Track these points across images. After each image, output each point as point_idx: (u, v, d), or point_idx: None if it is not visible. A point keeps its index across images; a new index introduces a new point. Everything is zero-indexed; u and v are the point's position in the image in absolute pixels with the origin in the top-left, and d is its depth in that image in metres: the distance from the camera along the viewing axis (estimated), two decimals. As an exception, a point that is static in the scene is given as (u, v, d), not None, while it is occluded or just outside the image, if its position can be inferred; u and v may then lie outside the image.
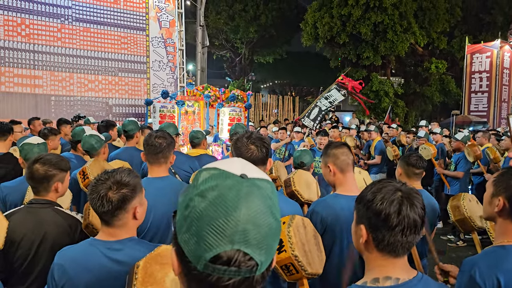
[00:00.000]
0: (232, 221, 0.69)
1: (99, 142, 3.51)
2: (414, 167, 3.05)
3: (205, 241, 0.69)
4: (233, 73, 29.14)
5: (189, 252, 0.71)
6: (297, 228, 1.84)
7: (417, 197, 1.26)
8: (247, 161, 0.81)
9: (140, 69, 12.48)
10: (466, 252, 6.38)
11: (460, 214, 2.38)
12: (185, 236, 0.72)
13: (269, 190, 0.76)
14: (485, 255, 1.62)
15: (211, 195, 0.71)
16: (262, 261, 0.71)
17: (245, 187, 0.73)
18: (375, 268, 1.29)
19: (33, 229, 2.17)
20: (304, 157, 3.64)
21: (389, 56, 19.43)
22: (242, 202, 0.70)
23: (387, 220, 1.21)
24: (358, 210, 1.33)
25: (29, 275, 2.17)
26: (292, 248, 1.75)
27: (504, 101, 19.19)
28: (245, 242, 0.69)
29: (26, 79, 10.67)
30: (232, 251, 0.69)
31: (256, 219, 0.70)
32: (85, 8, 11.57)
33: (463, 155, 6.67)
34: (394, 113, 18.32)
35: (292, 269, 1.79)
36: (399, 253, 1.25)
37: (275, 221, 0.74)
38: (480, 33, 21.35)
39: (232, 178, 0.74)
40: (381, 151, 8.11)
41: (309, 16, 19.12)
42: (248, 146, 2.02)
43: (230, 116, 8.42)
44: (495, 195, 1.66)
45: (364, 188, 1.36)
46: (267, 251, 0.72)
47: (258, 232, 0.70)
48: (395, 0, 17.32)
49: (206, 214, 0.70)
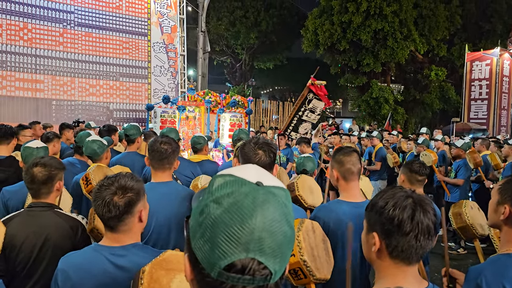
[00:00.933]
0: (248, 229, 0.68)
1: (102, 147, 3.50)
2: (417, 173, 3.06)
3: (220, 249, 0.68)
4: (233, 78, 29.20)
5: (203, 259, 0.71)
6: (306, 233, 1.83)
7: (429, 203, 1.26)
8: (261, 168, 0.81)
9: (141, 74, 12.52)
10: (466, 260, 6.37)
11: (461, 222, 2.37)
12: (199, 243, 0.71)
13: (284, 197, 0.75)
14: (491, 264, 1.62)
15: (226, 202, 0.70)
16: (276, 270, 0.71)
17: (261, 194, 0.72)
18: (386, 277, 1.28)
19: (34, 233, 2.16)
20: (307, 164, 3.61)
21: (389, 63, 19.50)
22: (258, 210, 0.70)
23: (401, 226, 1.21)
24: (370, 218, 1.32)
25: (30, 277, 2.17)
26: (301, 252, 1.74)
27: (504, 109, 19.23)
28: (260, 250, 0.68)
29: (27, 83, 10.69)
30: (247, 260, 0.68)
31: (271, 227, 0.70)
32: (87, 13, 11.62)
33: (463, 162, 6.67)
34: (394, 120, 18.35)
35: (300, 274, 1.78)
36: (412, 260, 1.25)
37: (290, 229, 0.74)
38: (480, 41, 21.45)
39: (248, 185, 0.73)
40: (382, 158, 8.11)
41: (310, 22, 19.21)
42: (255, 151, 2.02)
43: (230, 122, 8.43)
44: (501, 203, 1.66)
45: (374, 196, 1.35)
46: (281, 259, 0.72)
47: (273, 241, 0.70)
48: (395, 8, 17.42)
49: (221, 221, 0.69)
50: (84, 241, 2.24)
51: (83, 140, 3.80)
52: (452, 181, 6.76)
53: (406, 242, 1.22)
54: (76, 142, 3.99)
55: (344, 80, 20.58)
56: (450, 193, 6.76)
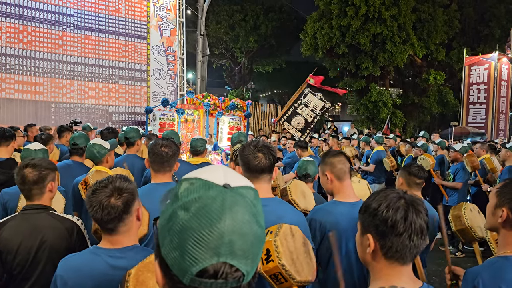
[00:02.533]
0: (217, 233, 0.67)
1: (101, 151, 3.49)
2: (415, 176, 3.07)
3: (190, 255, 0.67)
4: (232, 82, 29.24)
5: (174, 266, 0.69)
6: (284, 237, 1.84)
7: (421, 204, 1.29)
8: (229, 168, 0.79)
9: (141, 77, 12.54)
10: (464, 263, 6.37)
11: (461, 224, 2.38)
12: (168, 249, 0.70)
13: (252, 197, 0.75)
14: (488, 266, 1.63)
15: (194, 207, 0.69)
16: (248, 271, 0.70)
17: (229, 197, 0.71)
18: (381, 277, 1.29)
19: (29, 236, 2.16)
20: (309, 167, 3.58)
21: (388, 67, 19.56)
22: (227, 213, 0.69)
23: (395, 227, 1.24)
24: (364, 220, 1.33)
25: (27, 280, 2.17)
26: (279, 257, 1.76)
27: (502, 113, 19.29)
28: (231, 253, 0.68)
29: (27, 85, 10.71)
30: (219, 264, 0.67)
31: (241, 230, 0.69)
32: (86, 16, 11.65)
33: (461, 165, 6.68)
34: (392, 124, 18.38)
35: (281, 278, 1.79)
36: (407, 260, 1.27)
37: (259, 228, 0.73)
38: (478, 45, 21.54)
39: (215, 189, 0.72)
40: (376, 161, 8.04)
41: (309, 26, 19.26)
42: (255, 153, 2.03)
43: (229, 125, 8.45)
44: (499, 206, 1.66)
45: (367, 198, 1.37)
46: (253, 260, 0.71)
47: (244, 242, 0.69)
48: (394, 12, 17.49)
49: (190, 227, 0.68)
50: (80, 242, 2.24)
51: (76, 141, 3.79)
52: (450, 184, 6.77)
53: (400, 242, 1.24)
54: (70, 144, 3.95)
55: (343, 84, 20.62)
56: (449, 197, 6.77)
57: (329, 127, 19.64)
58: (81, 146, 3.78)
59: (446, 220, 2.27)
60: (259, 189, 2.06)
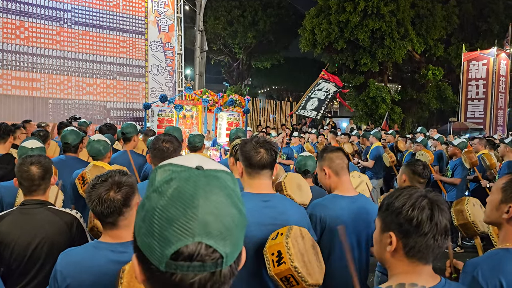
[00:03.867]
0: (191, 213, 0.65)
1: (106, 147, 3.50)
2: (420, 176, 3.01)
3: (165, 237, 0.65)
4: (230, 78, 29.20)
5: (149, 253, 0.67)
6: (295, 239, 1.83)
7: (444, 203, 1.29)
8: (204, 157, 0.78)
9: (139, 73, 12.50)
10: (463, 259, 6.38)
11: (463, 219, 2.37)
12: (144, 237, 0.68)
13: (229, 180, 0.73)
14: (488, 257, 1.64)
15: (167, 190, 0.68)
16: (227, 253, 0.68)
17: (202, 178, 0.70)
18: (401, 274, 1.29)
19: (28, 230, 2.16)
20: (308, 163, 3.55)
21: (387, 63, 19.54)
22: (200, 193, 0.67)
23: (420, 226, 1.23)
24: (385, 218, 1.33)
25: (26, 275, 2.16)
26: (291, 259, 1.74)
27: (501, 108, 19.31)
28: (207, 233, 0.66)
29: (24, 81, 10.66)
30: (194, 245, 0.65)
31: (216, 210, 0.67)
32: (84, 11, 11.59)
33: (460, 161, 6.68)
34: (391, 120, 18.39)
35: (292, 281, 1.78)
36: (429, 260, 1.27)
37: (237, 212, 0.71)
38: (477, 41, 21.52)
39: (188, 171, 0.70)
40: (376, 157, 8.05)
41: (307, 22, 19.22)
42: (257, 149, 2.02)
43: (228, 121, 8.43)
44: (504, 202, 1.65)
45: (387, 196, 1.36)
46: (231, 242, 0.69)
47: (220, 222, 0.67)
48: (392, 7, 17.45)
49: (164, 209, 0.66)
50: (79, 236, 2.24)
51: (67, 140, 3.76)
52: (449, 180, 6.78)
53: (424, 242, 1.24)
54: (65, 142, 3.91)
55: (341, 80, 20.61)
56: (447, 192, 6.78)
57: (328, 123, 19.64)
58: (72, 145, 3.76)
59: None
60: (261, 185, 2.07)
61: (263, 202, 2.03)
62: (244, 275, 1.99)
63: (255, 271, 1.95)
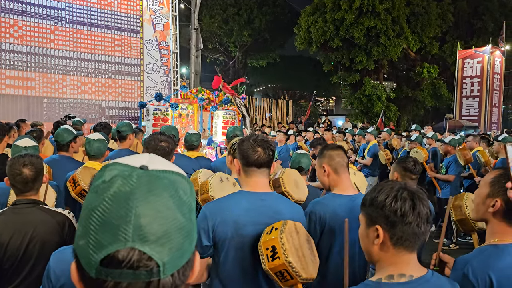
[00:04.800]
0: (125, 215, 0.60)
1: (106, 146, 3.50)
2: (411, 173, 3.05)
3: (97, 241, 0.60)
4: (226, 76, 29.14)
5: (81, 257, 0.62)
6: (290, 234, 1.84)
7: (423, 193, 1.36)
8: (157, 156, 0.73)
9: (134, 71, 12.46)
10: (457, 255, 6.41)
11: (461, 214, 2.39)
12: (78, 240, 0.64)
13: (176, 183, 0.67)
14: (478, 254, 1.66)
15: (104, 190, 0.63)
16: (164, 261, 0.61)
17: (144, 178, 0.64)
18: (389, 266, 1.35)
19: (20, 230, 2.15)
20: (302, 160, 3.54)
21: (382, 61, 19.59)
22: (138, 194, 0.62)
23: (404, 216, 1.30)
24: (371, 212, 1.38)
25: (19, 274, 2.16)
26: (285, 254, 1.76)
27: (495, 106, 19.42)
28: (141, 238, 0.60)
29: (18, 81, 10.59)
30: (126, 250, 0.59)
31: (155, 213, 0.62)
32: (78, 10, 11.52)
33: (454, 158, 6.73)
34: (386, 118, 18.44)
35: (287, 275, 1.80)
36: (414, 247, 1.34)
37: (182, 216, 0.65)
38: (472, 39, 21.62)
39: (129, 171, 0.65)
40: (374, 154, 8.15)
41: (303, 20, 19.23)
42: (254, 148, 2.02)
43: (224, 119, 8.42)
44: (491, 196, 1.66)
45: (370, 192, 1.42)
46: (171, 250, 0.62)
47: (158, 226, 0.61)
48: (388, 5, 17.50)
49: (97, 210, 0.62)
50: (71, 236, 2.23)
51: (58, 138, 3.74)
52: (443, 177, 6.82)
53: (410, 230, 1.31)
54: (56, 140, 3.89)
55: (337, 78, 20.65)
56: (441, 189, 6.82)
57: (324, 121, 19.67)
58: (63, 143, 3.74)
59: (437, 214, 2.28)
60: (258, 183, 2.07)
61: (260, 201, 2.04)
62: (239, 273, 2.00)
63: (250, 270, 1.96)
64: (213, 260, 2.06)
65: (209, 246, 1.99)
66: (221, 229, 1.96)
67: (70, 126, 4.05)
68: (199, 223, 2.00)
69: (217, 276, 2.04)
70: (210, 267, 2.10)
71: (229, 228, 1.96)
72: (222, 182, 2.81)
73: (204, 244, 1.97)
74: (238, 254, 1.97)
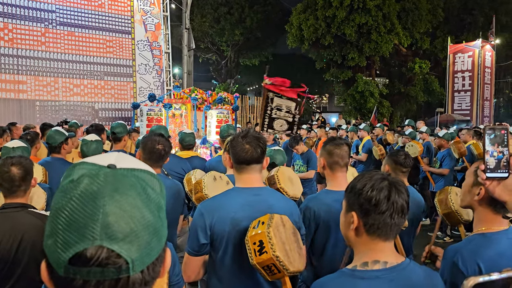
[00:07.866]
0: (92, 213, 0.61)
1: (101, 147, 3.51)
2: (402, 165, 3.09)
3: (65, 240, 0.61)
4: (219, 76, 29.11)
5: (50, 256, 0.63)
6: (276, 228, 1.85)
7: (403, 185, 1.39)
8: (125, 154, 0.74)
9: (126, 72, 12.41)
10: (453, 248, 6.48)
11: (447, 208, 2.42)
12: (46, 239, 0.64)
13: (145, 181, 0.68)
14: (467, 243, 1.69)
15: (71, 189, 0.64)
16: (133, 258, 0.62)
17: (111, 176, 0.65)
18: (364, 252, 1.39)
19: (9, 234, 2.13)
20: (276, 157, 3.58)
21: (374, 57, 19.66)
22: (105, 193, 0.63)
23: (378, 205, 1.33)
24: (349, 199, 1.43)
25: (9, 278, 2.15)
26: (273, 249, 1.77)
27: (487, 100, 19.56)
28: (109, 236, 0.61)
29: (10, 84, 10.52)
30: (93, 248, 0.60)
31: (122, 211, 0.63)
32: (69, 12, 11.46)
33: (448, 152, 6.79)
34: (379, 113, 18.51)
35: (274, 269, 1.81)
36: (388, 236, 1.37)
37: (150, 214, 0.66)
38: (462, 33, 21.74)
39: (96, 169, 0.66)
40: (369, 150, 8.23)
41: (294, 18, 19.24)
42: (243, 145, 2.05)
43: (217, 119, 8.42)
44: (476, 184, 1.68)
45: (353, 179, 1.45)
46: (140, 247, 0.63)
47: (125, 224, 0.62)
48: (378, 2, 17.55)
49: (64, 209, 0.62)
50: None
51: (49, 140, 3.73)
52: (437, 171, 6.87)
53: (382, 220, 1.34)
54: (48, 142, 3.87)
55: (329, 75, 20.69)
56: (435, 183, 6.87)
57: (317, 118, 19.72)
58: (54, 145, 3.73)
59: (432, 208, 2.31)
60: (250, 179, 2.09)
61: (254, 196, 2.06)
62: (235, 268, 2.02)
63: (246, 264, 1.98)
64: (210, 258, 2.08)
65: (206, 244, 2.00)
66: (219, 226, 1.98)
67: (61, 128, 4.04)
68: (196, 221, 2.01)
69: (215, 273, 2.05)
70: (207, 265, 2.11)
71: (227, 225, 1.98)
72: (216, 180, 2.85)
73: (201, 242, 1.98)
74: (236, 250, 1.99)
